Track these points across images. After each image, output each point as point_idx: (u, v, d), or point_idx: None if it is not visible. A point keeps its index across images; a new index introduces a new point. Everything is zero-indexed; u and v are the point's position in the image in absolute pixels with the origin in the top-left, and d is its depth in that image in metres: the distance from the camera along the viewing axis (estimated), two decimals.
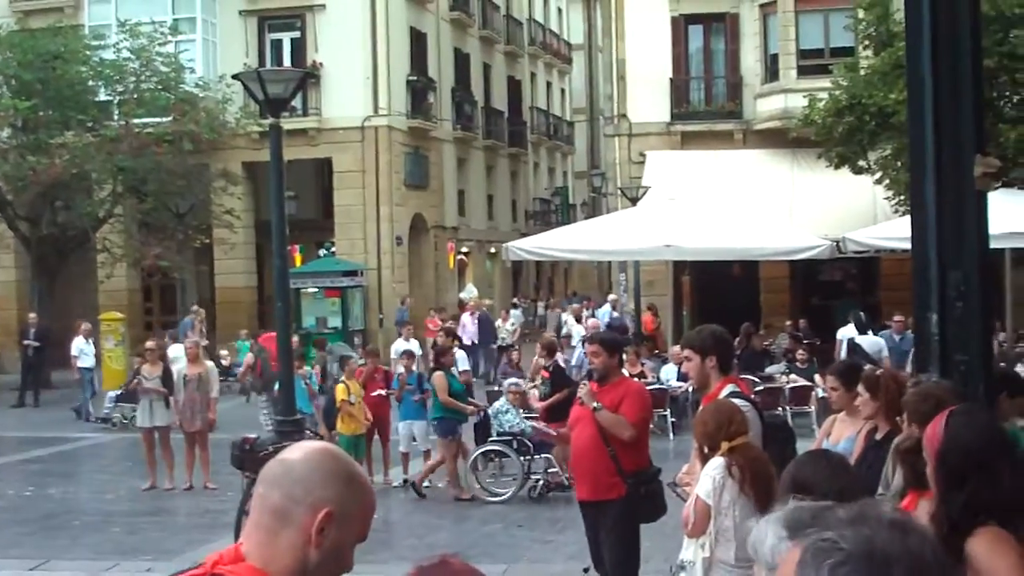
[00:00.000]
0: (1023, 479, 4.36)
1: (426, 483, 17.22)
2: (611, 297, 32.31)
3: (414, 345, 21.57)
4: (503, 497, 16.37)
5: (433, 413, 16.76)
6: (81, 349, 26.85)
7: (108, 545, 14.27)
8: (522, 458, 16.24)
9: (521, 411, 16.85)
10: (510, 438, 16.25)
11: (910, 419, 6.17)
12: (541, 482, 16.25)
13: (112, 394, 25.58)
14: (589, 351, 9.45)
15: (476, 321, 32.97)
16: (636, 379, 14.31)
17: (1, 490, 18.20)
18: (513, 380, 17.83)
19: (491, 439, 16.59)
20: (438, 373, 16.78)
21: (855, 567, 1.77)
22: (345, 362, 18.01)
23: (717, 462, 6.54)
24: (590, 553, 9.48)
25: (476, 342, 32.30)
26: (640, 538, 9.20)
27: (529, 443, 16.17)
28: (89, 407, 26.12)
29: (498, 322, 32.99)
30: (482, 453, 16.80)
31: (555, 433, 9.68)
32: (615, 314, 31.62)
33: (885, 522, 1.82)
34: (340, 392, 16.92)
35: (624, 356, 9.83)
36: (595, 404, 8.92)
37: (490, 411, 16.98)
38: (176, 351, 23.06)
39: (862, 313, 24.65)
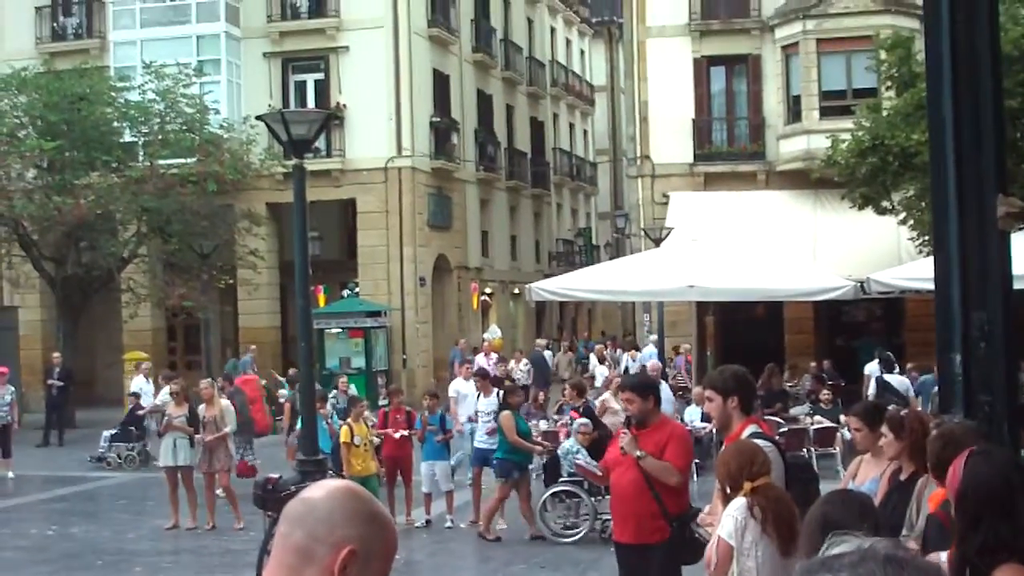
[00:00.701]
0: None
1: (447, 523, 17.19)
2: (652, 338, 32.00)
3: (469, 387, 21.37)
4: (575, 538, 16.23)
5: (497, 453, 16.60)
6: (141, 387, 26.57)
7: None
8: (593, 498, 16.12)
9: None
10: (580, 478, 16.00)
11: (929, 463, 6.17)
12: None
13: (107, 433, 25.47)
14: (623, 399, 9.38)
15: (491, 363, 32.87)
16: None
17: (24, 529, 18.23)
18: (582, 421, 17.65)
19: (562, 479, 16.44)
20: (506, 413, 16.64)
21: None
22: (354, 403, 17.96)
23: (739, 503, 6.51)
24: None
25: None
26: None
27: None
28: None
29: (511, 363, 32.84)
30: (552, 494, 16.65)
31: (599, 472, 9.56)
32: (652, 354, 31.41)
33: (881, 558, 1.84)
34: (343, 435, 16.80)
35: (658, 396, 9.67)
36: (638, 453, 8.82)
37: (560, 451, 16.81)
38: (163, 396, 23.27)
39: (888, 353, 24.66)
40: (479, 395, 18.84)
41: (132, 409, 24.43)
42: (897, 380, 22.52)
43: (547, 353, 37.26)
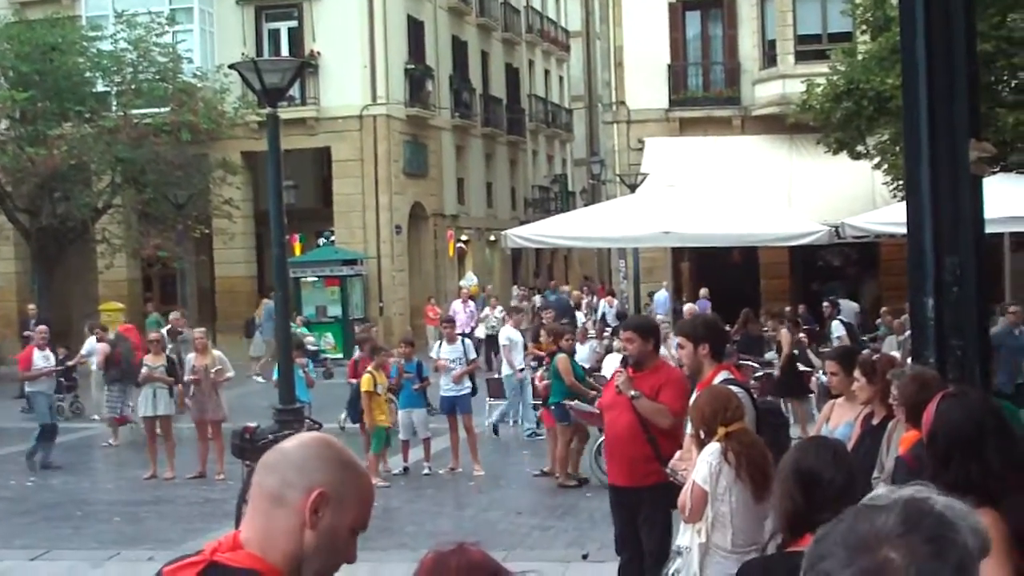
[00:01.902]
0: (1011, 458, 4.38)
1: (425, 470, 17.26)
2: (664, 284, 31.66)
3: (518, 334, 21.30)
4: None
5: (554, 397, 16.41)
6: (91, 349, 26.04)
7: (109, 534, 14.32)
8: None
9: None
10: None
11: (899, 403, 6.22)
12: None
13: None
14: (623, 338, 9.34)
15: (468, 310, 32.84)
16: None
17: (3, 481, 18.23)
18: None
19: None
20: (562, 356, 16.53)
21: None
22: (377, 352, 17.58)
23: (713, 448, 6.56)
24: (615, 536, 9.36)
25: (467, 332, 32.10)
26: (672, 523, 9.16)
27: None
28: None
29: (486, 310, 32.78)
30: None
31: (597, 411, 9.54)
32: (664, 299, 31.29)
33: (905, 497, 1.90)
34: (367, 383, 16.61)
35: (657, 340, 9.63)
36: (633, 392, 8.81)
37: None
38: (90, 345, 23.32)
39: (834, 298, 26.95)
40: (441, 343, 18.79)
41: (62, 359, 23.97)
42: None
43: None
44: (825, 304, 26.88)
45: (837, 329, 22.43)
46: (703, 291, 30.89)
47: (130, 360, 20.82)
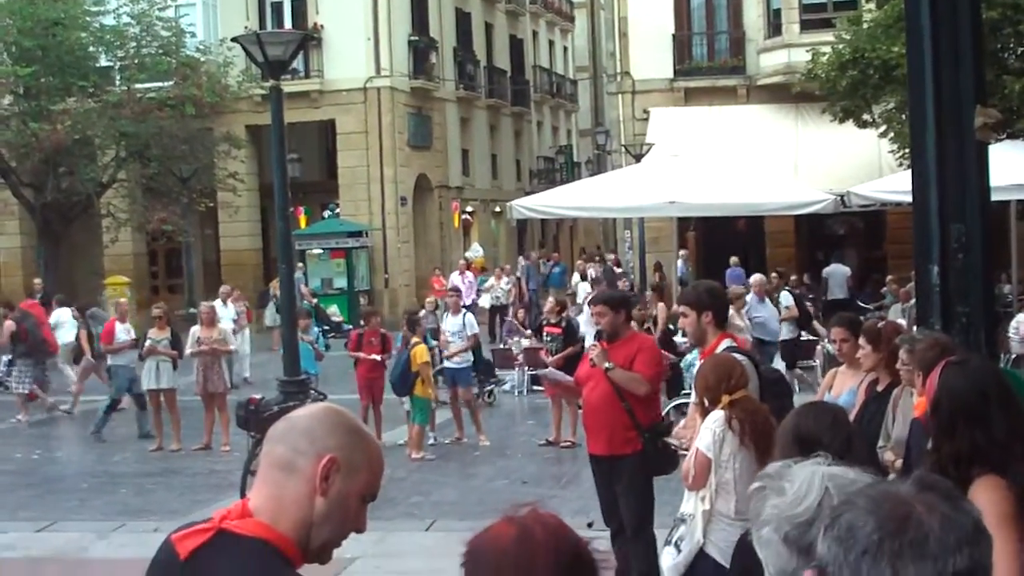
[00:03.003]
0: (1016, 427, 4.37)
1: (431, 440, 17.28)
2: (683, 252, 31.28)
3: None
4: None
5: None
6: (59, 319, 24.33)
7: (115, 506, 14.35)
8: None
9: None
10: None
11: (918, 368, 6.19)
12: None
13: (5, 358, 24.93)
14: (595, 312, 9.40)
15: (466, 281, 32.78)
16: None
17: (8, 453, 18.28)
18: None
19: (684, 391, 16.23)
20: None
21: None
22: (415, 324, 17.34)
23: (717, 415, 6.56)
24: (601, 508, 9.46)
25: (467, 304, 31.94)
26: (654, 490, 9.21)
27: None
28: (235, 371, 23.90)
29: (491, 280, 32.72)
30: (674, 407, 16.52)
31: (571, 380, 9.61)
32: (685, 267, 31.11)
33: (915, 478, 1.93)
34: (423, 354, 16.42)
35: (631, 312, 9.72)
36: (607, 364, 8.89)
37: (682, 364, 16.56)
38: (59, 316, 23.29)
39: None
40: (446, 314, 18.79)
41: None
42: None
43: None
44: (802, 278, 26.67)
45: (785, 299, 21.54)
46: (734, 259, 30.65)
47: (36, 335, 21.27)
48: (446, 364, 17.89)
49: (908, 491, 1.84)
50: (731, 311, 17.94)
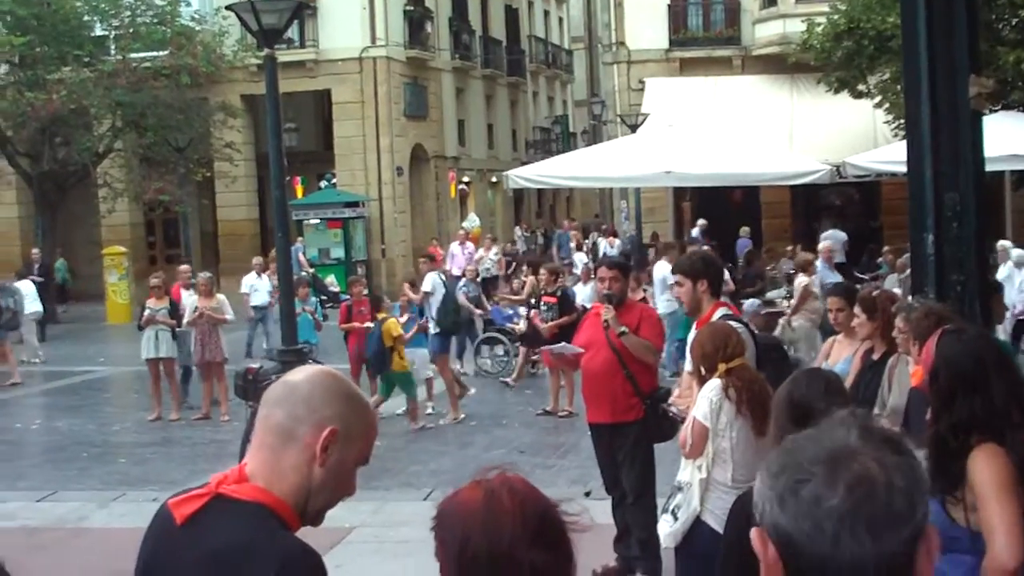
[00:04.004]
0: (1013, 394, 4.41)
1: (428, 409, 17.32)
2: (701, 222, 31.11)
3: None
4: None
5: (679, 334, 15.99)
6: (252, 285, 23.10)
7: (115, 476, 14.41)
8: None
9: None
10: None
11: (913, 337, 6.24)
12: None
13: None
14: (608, 276, 9.25)
15: (466, 251, 32.72)
16: None
17: (8, 423, 18.33)
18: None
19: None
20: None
21: (779, 450, 1.88)
22: (379, 301, 17.30)
23: (714, 384, 6.59)
24: (603, 476, 9.45)
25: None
26: (654, 458, 9.24)
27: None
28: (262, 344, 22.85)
29: (480, 251, 32.68)
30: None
31: (581, 351, 9.57)
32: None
33: (837, 418, 1.89)
34: (394, 328, 16.26)
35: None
36: (622, 329, 8.90)
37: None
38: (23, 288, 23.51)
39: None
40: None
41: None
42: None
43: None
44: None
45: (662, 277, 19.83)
46: (744, 229, 30.61)
47: None
48: (433, 334, 17.78)
49: (859, 446, 1.81)
50: (805, 278, 17.91)
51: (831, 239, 28.30)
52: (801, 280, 18.02)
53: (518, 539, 2.35)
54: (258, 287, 22.61)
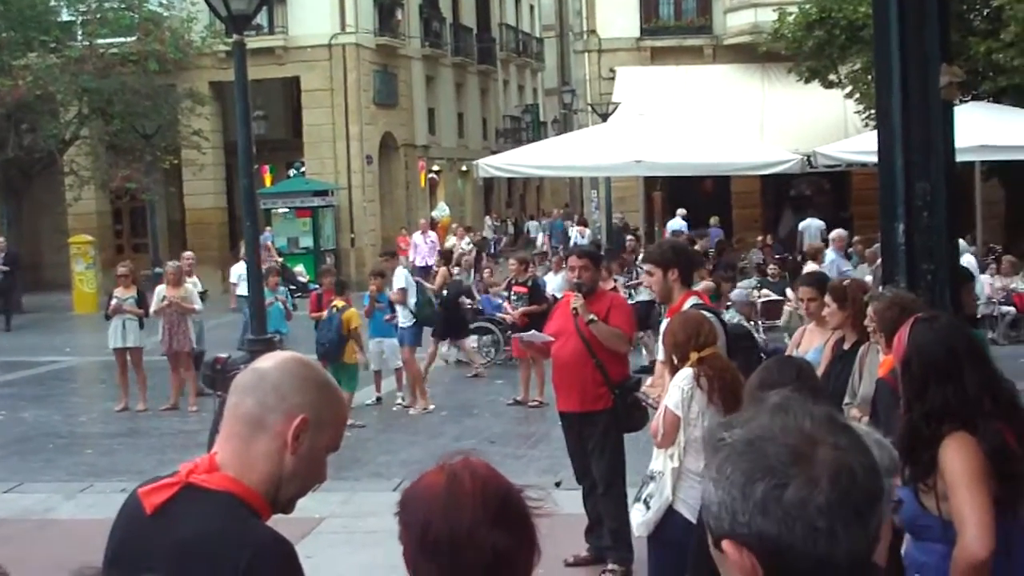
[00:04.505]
0: (985, 383, 4.41)
1: (398, 400, 17.28)
2: (680, 211, 30.93)
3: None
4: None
5: None
6: (240, 275, 22.13)
7: (82, 467, 14.30)
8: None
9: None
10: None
11: (878, 327, 6.25)
12: None
13: None
14: (578, 265, 9.23)
15: (428, 240, 32.60)
16: None
17: None
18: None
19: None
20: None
21: (731, 455, 1.82)
22: (343, 287, 17.10)
23: (686, 373, 6.58)
24: (573, 466, 9.43)
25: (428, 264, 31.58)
26: (624, 448, 9.23)
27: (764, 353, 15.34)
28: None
29: (452, 240, 32.61)
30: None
31: (551, 339, 9.52)
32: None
33: (768, 408, 1.87)
34: (354, 318, 16.05)
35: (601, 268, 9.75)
36: (591, 317, 8.87)
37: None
38: None
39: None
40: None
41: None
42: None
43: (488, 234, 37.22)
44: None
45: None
46: (714, 219, 30.67)
47: None
48: (402, 325, 17.61)
49: (816, 435, 1.80)
50: (814, 266, 17.81)
51: (808, 227, 28.54)
52: (811, 268, 17.82)
53: (479, 521, 2.34)
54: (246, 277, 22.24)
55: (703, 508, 1.87)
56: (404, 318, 17.47)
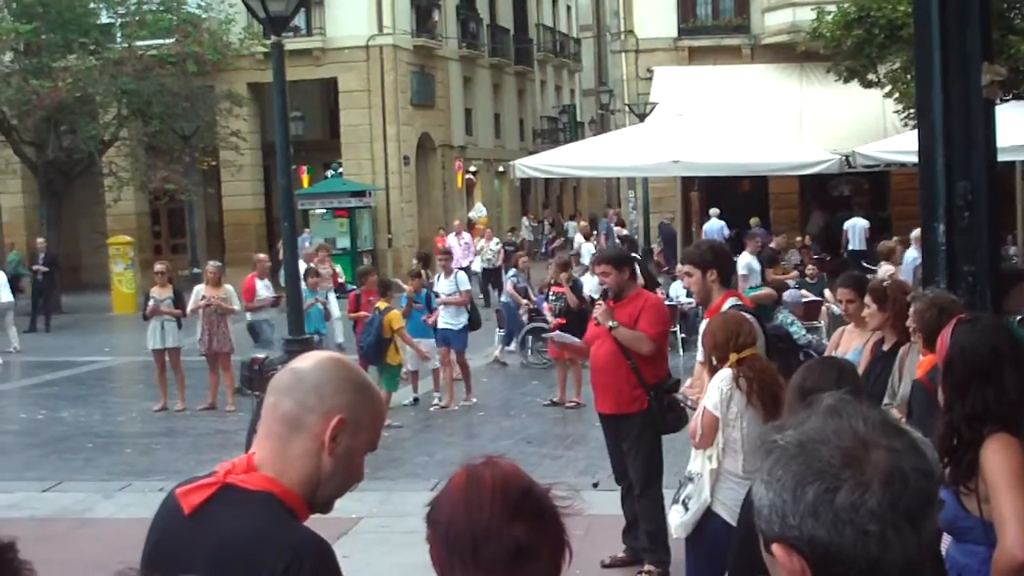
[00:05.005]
0: None
1: (435, 401, 17.29)
2: (713, 211, 30.86)
3: None
4: None
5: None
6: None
7: (120, 466, 14.38)
8: None
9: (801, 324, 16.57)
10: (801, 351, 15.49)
11: (917, 327, 6.20)
12: None
13: None
14: (599, 272, 9.33)
15: (462, 242, 32.50)
16: None
17: (14, 414, 18.32)
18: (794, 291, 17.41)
19: None
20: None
21: (783, 457, 1.80)
22: (387, 288, 17.18)
23: (725, 374, 6.54)
24: (612, 466, 9.45)
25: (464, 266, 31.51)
26: (662, 449, 9.22)
27: (814, 354, 15.33)
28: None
29: (481, 243, 32.53)
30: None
31: (578, 342, 9.54)
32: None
33: (821, 410, 1.84)
34: (396, 320, 16.12)
35: (635, 270, 9.69)
36: (611, 323, 8.85)
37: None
38: None
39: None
40: (439, 276, 18.62)
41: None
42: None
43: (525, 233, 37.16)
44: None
45: (746, 265, 20.36)
46: (755, 220, 30.56)
47: None
48: (441, 325, 17.64)
49: (869, 437, 1.78)
50: (890, 267, 17.57)
51: (853, 226, 28.47)
52: (887, 269, 17.15)
53: (498, 514, 2.36)
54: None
55: (755, 511, 1.84)
56: (457, 320, 17.42)
